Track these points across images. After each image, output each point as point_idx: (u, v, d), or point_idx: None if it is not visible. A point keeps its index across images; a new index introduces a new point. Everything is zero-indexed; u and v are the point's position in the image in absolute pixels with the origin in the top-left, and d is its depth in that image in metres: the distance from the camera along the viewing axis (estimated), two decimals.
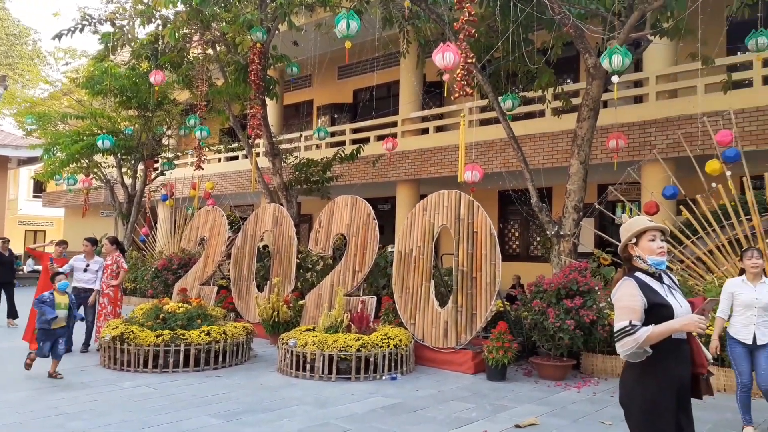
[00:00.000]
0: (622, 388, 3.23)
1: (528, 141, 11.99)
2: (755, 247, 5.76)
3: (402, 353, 7.77)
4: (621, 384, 3.25)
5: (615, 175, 9.82)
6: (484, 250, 8.15)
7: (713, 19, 9.31)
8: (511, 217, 15.89)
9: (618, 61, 6.98)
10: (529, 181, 9.41)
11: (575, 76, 14.12)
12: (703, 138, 9.31)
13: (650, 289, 3.12)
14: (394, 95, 16.03)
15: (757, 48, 8.18)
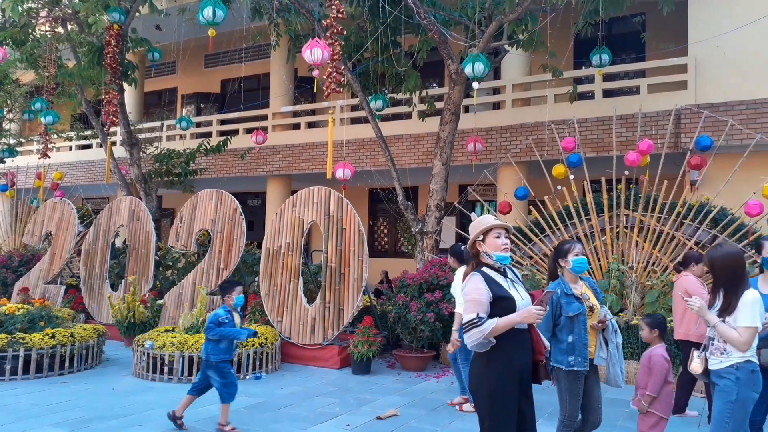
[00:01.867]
0: (471, 376, 3.43)
1: (396, 141, 12.32)
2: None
3: (268, 351, 7.66)
4: (470, 373, 3.46)
5: (474, 177, 10.40)
6: (352, 247, 8.26)
7: (562, 35, 10.17)
8: (381, 215, 16.24)
9: (479, 68, 7.39)
10: (396, 180, 9.68)
11: (440, 80, 14.74)
12: (551, 144, 10.14)
13: (495, 283, 3.35)
14: (264, 88, 15.70)
15: (600, 63, 9.08)
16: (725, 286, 3.61)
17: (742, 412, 3.49)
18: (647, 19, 12.14)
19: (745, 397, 3.49)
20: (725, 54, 9.60)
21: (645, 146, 8.24)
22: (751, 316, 3.47)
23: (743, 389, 3.49)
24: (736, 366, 3.52)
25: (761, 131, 8.66)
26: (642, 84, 10.50)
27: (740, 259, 3.66)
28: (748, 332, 3.47)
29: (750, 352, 3.51)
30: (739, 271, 3.60)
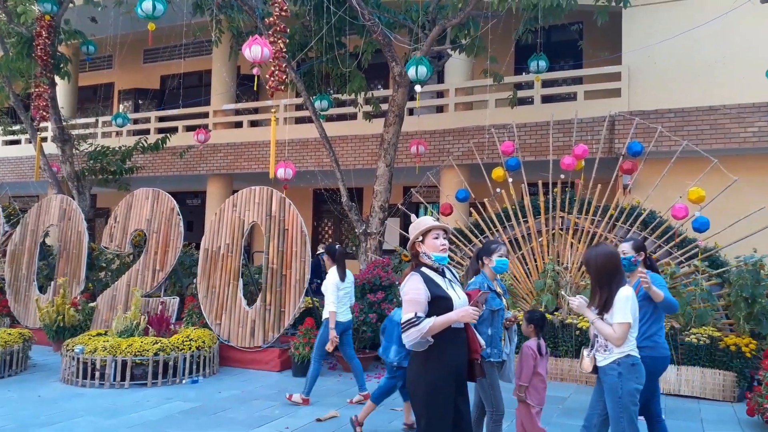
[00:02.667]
0: (409, 375, 3.46)
1: (340, 142, 12.29)
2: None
3: (205, 355, 7.48)
4: (407, 372, 3.48)
5: (418, 178, 10.50)
6: (294, 248, 8.17)
7: (503, 41, 10.40)
8: (326, 216, 16.16)
9: (422, 72, 7.47)
10: (340, 180, 9.66)
11: (385, 82, 14.79)
12: (492, 148, 10.35)
13: (434, 283, 3.39)
14: (206, 85, 15.35)
15: (537, 70, 9.33)
16: (600, 285, 3.75)
17: (631, 405, 3.66)
18: (584, 28, 12.57)
19: (629, 390, 3.65)
20: (656, 63, 10.06)
21: (580, 151, 8.52)
22: (623, 313, 3.62)
23: (626, 383, 3.63)
24: (617, 362, 3.67)
25: (688, 138, 9.11)
26: (579, 91, 10.87)
27: (614, 259, 3.80)
28: (621, 328, 3.62)
29: (629, 346, 3.67)
30: (613, 270, 3.73)
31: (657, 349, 4.14)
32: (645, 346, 4.02)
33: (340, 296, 6.23)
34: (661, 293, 4.03)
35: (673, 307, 4.21)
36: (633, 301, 3.69)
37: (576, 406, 6.41)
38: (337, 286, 6.20)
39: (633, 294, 3.71)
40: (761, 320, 6.87)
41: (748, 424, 5.84)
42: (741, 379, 6.80)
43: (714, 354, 6.89)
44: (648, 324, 4.12)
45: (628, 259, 4.19)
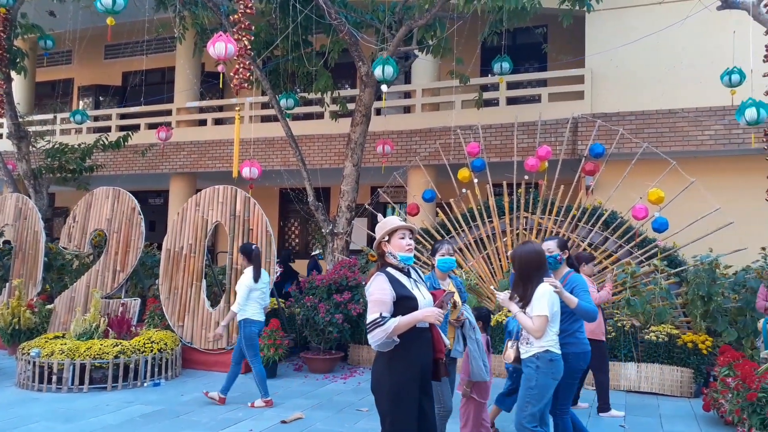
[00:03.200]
0: (373, 375, 3.45)
1: (307, 141, 12.21)
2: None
3: (167, 357, 7.34)
4: (372, 372, 3.47)
5: (385, 178, 10.50)
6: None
7: (469, 43, 10.48)
8: (292, 215, 16.03)
9: (388, 72, 7.46)
10: (306, 180, 9.59)
11: (353, 82, 14.76)
12: (458, 148, 10.42)
13: (399, 283, 3.39)
14: (169, 82, 15.07)
15: (501, 72, 9.43)
16: (524, 279, 3.91)
17: (542, 397, 3.80)
18: (549, 31, 12.77)
19: (543, 384, 3.80)
20: (618, 67, 10.28)
21: (543, 152, 8.65)
22: (540, 306, 3.77)
23: (542, 377, 3.79)
24: (536, 355, 3.82)
25: (648, 140, 9.33)
26: (543, 93, 11.03)
27: (539, 256, 3.94)
28: (539, 320, 3.77)
29: (547, 341, 3.81)
30: (536, 266, 3.89)
31: (579, 345, 4.25)
32: (569, 343, 4.14)
33: (254, 297, 6.18)
34: (574, 300, 4.04)
35: (590, 314, 4.11)
36: (552, 297, 3.82)
37: None
38: (249, 287, 6.15)
39: (552, 290, 3.84)
40: (717, 318, 7.08)
41: (704, 418, 6.01)
42: (698, 375, 6.99)
43: (672, 351, 7.07)
44: (570, 321, 4.22)
45: (554, 257, 4.31)
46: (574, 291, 4.13)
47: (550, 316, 3.80)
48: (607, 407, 6.03)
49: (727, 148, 9.44)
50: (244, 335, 6.16)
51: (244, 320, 6.14)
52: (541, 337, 3.81)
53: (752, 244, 7.63)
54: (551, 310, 3.81)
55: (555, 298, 3.86)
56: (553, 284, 3.91)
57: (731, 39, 7.91)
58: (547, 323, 3.80)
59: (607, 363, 6.19)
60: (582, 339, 4.27)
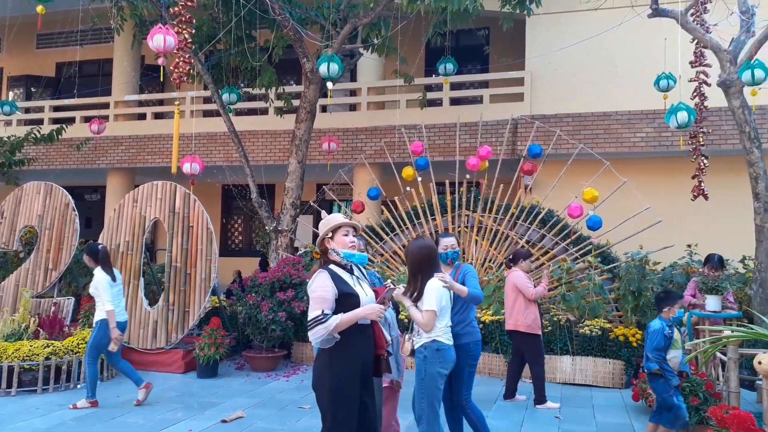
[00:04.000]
0: (314, 373, 3.46)
1: (251, 137, 12.05)
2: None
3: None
4: (314, 369, 3.48)
5: (331, 176, 10.49)
6: (200, 245, 7.93)
7: (414, 43, 10.60)
8: (235, 212, 15.77)
9: (333, 69, 7.44)
10: (249, 176, 9.48)
11: (298, 78, 14.65)
12: (402, 147, 10.52)
13: (341, 280, 3.41)
14: (106, 74, 14.56)
15: (444, 72, 9.57)
16: (415, 275, 4.03)
17: (433, 387, 3.93)
18: (491, 33, 13.05)
19: (432, 373, 3.94)
20: (556, 70, 10.62)
21: (484, 152, 8.85)
22: (429, 301, 3.90)
23: (430, 366, 3.91)
24: (424, 346, 3.94)
25: (584, 141, 9.68)
26: (485, 94, 11.27)
27: (430, 252, 4.07)
28: (427, 315, 3.89)
29: (436, 332, 3.95)
30: (425, 262, 4.01)
31: (476, 334, 4.43)
32: (467, 332, 4.33)
33: (114, 293, 6.07)
34: (465, 290, 4.24)
35: (477, 298, 4.36)
36: (440, 292, 3.95)
37: (480, 398, 6.52)
38: (110, 284, 6.04)
39: (441, 286, 3.96)
40: (646, 312, 7.43)
41: (633, 408, 6.30)
42: (629, 367, 7.32)
43: (605, 344, 7.37)
44: (465, 311, 4.39)
45: (456, 252, 4.53)
46: (466, 278, 4.32)
47: (438, 310, 3.93)
48: (544, 399, 6.23)
49: (657, 150, 9.90)
50: (96, 334, 6.00)
51: (101, 321, 5.98)
52: (429, 331, 3.94)
53: (679, 242, 8.05)
54: (439, 305, 3.94)
55: (444, 293, 3.98)
56: (443, 279, 4.03)
57: (662, 46, 8.30)
58: (436, 317, 3.92)
59: (543, 356, 6.40)
60: (477, 327, 4.48)
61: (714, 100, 8.20)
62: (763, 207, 6.77)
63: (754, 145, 6.84)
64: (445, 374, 3.98)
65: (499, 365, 7.62)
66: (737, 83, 6.84)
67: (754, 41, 6.91)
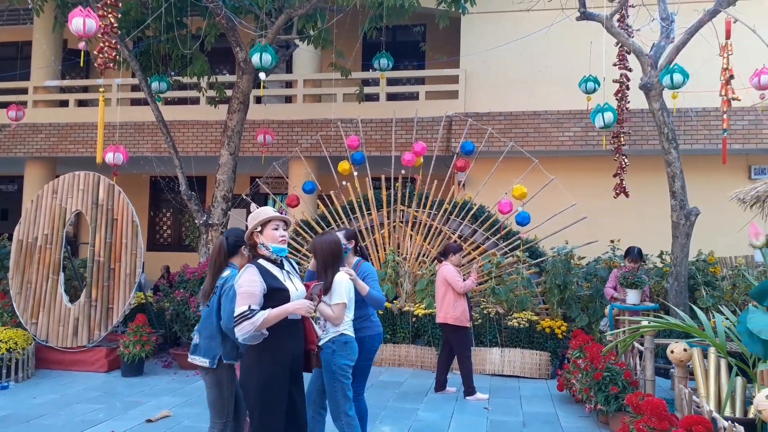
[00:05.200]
0: (242, 369, 3.39)
1: (181, 127, 11.68)
2: None
3: (17, 358, 6.73)
4: (241, 366, 3.40)
5: (265, 169, 10.31)
6: (124, 239, 7.62)
7: (351, 36, 10.53)
8: (164, 205, 15.24)
9: (266, 59, 7.30)
10: (178, 168, 9.18)
11: (231, 67, 14.30)
12: (339, 141, 10.47)
13: (271, 275, 3.35)
14: (25, 57, 13.73)
15: (382, 68, 9.58)
16: (324, 269, 4.08)
17: (343, 378, 4.01)
18: (427, 30, 13.16)
19: (341, 365, 4.00)
20: (490, 69, 10.84)
21: (419, 148, 8.93)
22: (339, 294, 3.98)
23: (339, 358, 3.97)
24: (332, 340, 3.98)
25: (515, 140, 9.93)
26: (421, 90, 11.37)
27: (336, 246, 4.14)
28: (338, 308, 3.95)
29: (342, 326, 4.03)
30: (333, 256, 4.08)
31: (374, 328, 4.51)
32: (365, 327, 4.40)
33: None
34: (366, 287, 4.33)
35: (379, 302, 4.42)
36: (348, 284, 4.03)
37: (411, 390, 6.73)
38: None
39: (348, 279, 4.03)
40: (571, 305, 7.72)
41: (558, 397, 6.54)
42: (554, 358, 7.59)
43: (532, 336, 7.61)
44: (363, 306, 4.47)
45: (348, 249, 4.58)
46: (366, 279, 4.40)
47: (348, 302, 4.00)
48: (473, 391, 6.37)
49: (583, 148, 10.29)
50: None
51: None
52: (340, 324, 3.99)
53: (603, 237, 8.40)
54: (348, 297, 4.00)
55: (350, 286, 4.05)
56: (348, 273, 4.11)
57: (589, 48, 8.61)
58: (345, 309, 3.98)
59: (471, 349, 6.53)
60: (376, 322, 4.53)
61: (636, 103, 8.60)
62: (679, 205, 7.15)
63: (672, 146, 7.21)
64: (351, 366, 4.04)
65: (431, 358, 7.73)
66: (657, 86, 7.19)
67: (673, 47, 7.28)
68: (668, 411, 3.54)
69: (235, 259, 4.03)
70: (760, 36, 6.87)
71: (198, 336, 3.88)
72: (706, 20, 7.03)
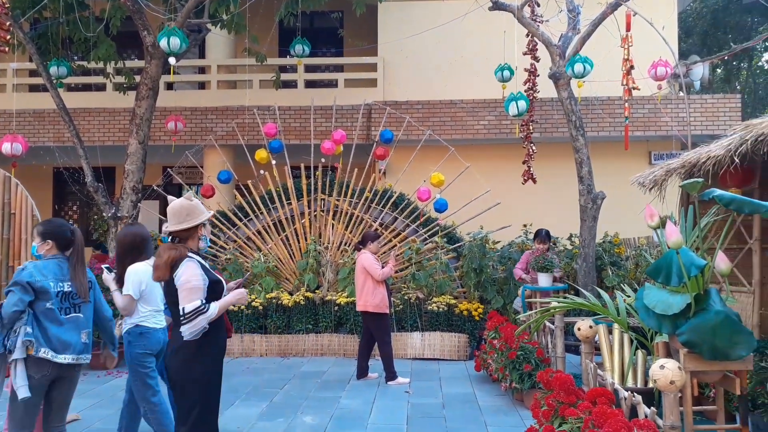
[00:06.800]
0: (177, 367, 3.23)
1: (86, 115, 11.05)
2: None
3: None
4: (174, 364, 3.24)
5: (178, 158, 9.93)
6: (23, 235, 7.12)
7: (266, 22, 10.30)
8: (70, 198, 14.39)
9: (174, 43, 7.00)
10: (83, 158, 8.68)
11: (140, 52, 13.64)
12: (256, 129, 10.24)
13: (206, 269, 3.32)
14: None
15: (298, 54, 9.42)
16: (121, 260, 4.16)
17: (140, 368, 4.07)
18: (345, 17, 13.07)
19: (136, 355, 4.04)
20: (407, 58, 10.92)
21: (339, 136, 8.88)
22: (127, 285, 4.00)
23: (134, 348, 4.03)
24: (128, 331, 4.05)
25: (432, 128, 10.08)
26: (340, 78, 11.30)
27: (135, 238, 4.18)
28: (125, 299, 4.00)
29: (138, 317, 4.08)
30: (127, 247, 4.15)
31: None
32: None
33: None
34: None
35: None
36: (139, 276, 4.02)
37: (333, 379, 6.74)
38: None
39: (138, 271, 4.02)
40: (487, 287, 7.96)
41: (475, 378, 6.74)
42: (472, 340, 7.82)
43: (451, 319, 7.80)
44: None
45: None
46: None
47: (138, 294, 4.01)
48: (394, 375, 6.45)
49: (497, 136, 10.59)
50: None
51: None
52: (131, 315, 4.03)
53: (516, 222, 8.71)
54: (138, 290, 4.01)
55: (143, 278, 4.02)
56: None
57: (502, 38, 8.84)
58: (134, 302, 4.01)
59: (390, 335, 6.61)
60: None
61: (546, 92, 8.93)
62: (586, 189, 7.52)
63: (579, 133, 7.55)
64: (150, 354, 4.07)
65: (354, 346, 7.76)
66: (565, 76, 7.49)
67: (579, 38, 7.60)
68: (575, 386, 3.73)
69: None
70: (657, 29, 7.30)
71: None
72: (609, 12, 7.39)
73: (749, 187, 5.12)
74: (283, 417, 5.35)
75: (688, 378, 3.18)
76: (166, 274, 3.18)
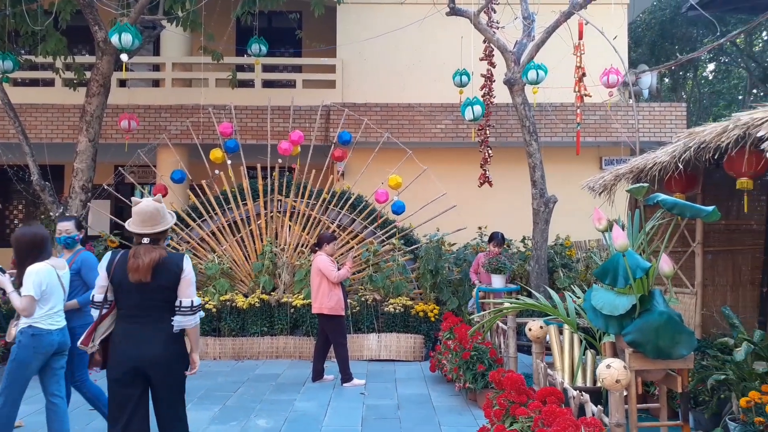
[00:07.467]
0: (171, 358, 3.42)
1: (34, 111, 10.66)
2: None
3: None
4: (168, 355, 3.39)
5: (131, 156, 9.68)
6: None
7: (223, 20, 10.15)
8: (15, 197, 13.85)
9: (126, 40, 6.84)
10: (29, 156, 8.38)
11: (92, 47, 13.25)
12: (211, 128, 10.07)
13: None
14: None
15: (255, 54, 9.32)
16: (20, 260, 4.12)
17: (22, 372, 4.04)
18: (303, 17, 13.00)
19: (23, 358, 4.00)
20: (366, 60, 10.94)
21: (296, 137, 8.83)
22: (27, 286, 3.95)
23: (22, 351, 3.99)
24: (21, 331, 4.01)
25: (390, 131, 10.12)
26: (298, 79, 11.24)
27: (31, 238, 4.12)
28: (25, 300, 3.94)
29: (33, 318, 4.02)
30: (26, 247, 4.07)
31: (85, 318, 4.51)
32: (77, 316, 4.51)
33: None
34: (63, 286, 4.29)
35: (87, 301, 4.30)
36: (39, 277, 3.98)
37: (288, 381, 6.69)
38: None
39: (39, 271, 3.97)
40: (442, 288, 8.06)
41: (431, 378, 6.80)
42: (428, 341, 7.89)
43: (407, 320, 7.86)
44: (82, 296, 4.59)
45: (72, 237, 4.67)
46: (81, 268, 4.55)
47: (38, 295, 3.97)
48: (350, 377, 6.45)
49: (454, 140, 10.71)
50: None
51: None
52: (29, 316, 3.98)
53: (471, 224, 8.84)
54: (39, 290, 3.97)
55: (44, 278, 3.99)
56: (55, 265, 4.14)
57: (460, 43, 8.96)
58: (34, 302, 3.96)
59: (345, 337, 6.61)
60: (87, 312, 4.45)
61: (501, 97, 9.09)
62: (539, 193, 7.68)
63: (533, 138, 7.72)
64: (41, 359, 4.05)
65: (309, 348, 7.71)
66: (520, 82, 7.65)
67: (533, 45, 7.77)
68: (527, 385, 3.81)
69: None
70: (608, 38, 7.53)
71: None
72: (562, 21, 7.58)
73: (692, 192, 5.33)
74: (236, 420, 5.28)
75: (633, 377, 3.29)
76: (148, 275, 3.26)
